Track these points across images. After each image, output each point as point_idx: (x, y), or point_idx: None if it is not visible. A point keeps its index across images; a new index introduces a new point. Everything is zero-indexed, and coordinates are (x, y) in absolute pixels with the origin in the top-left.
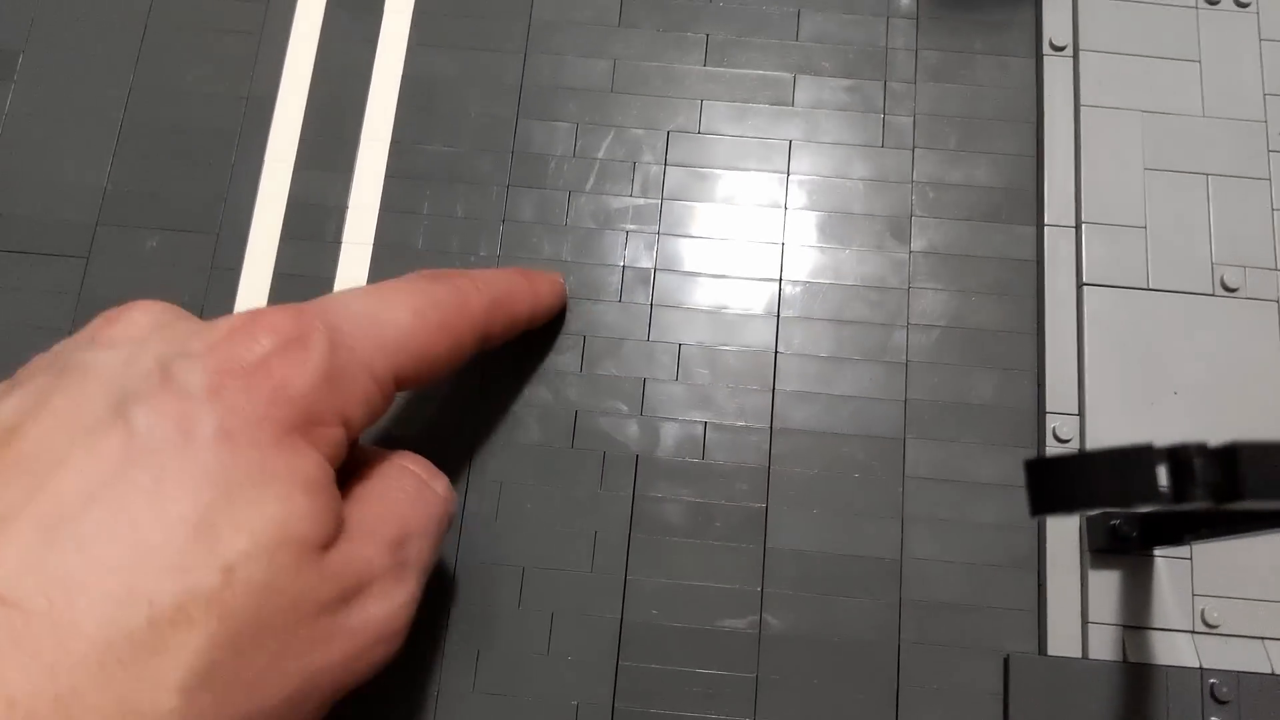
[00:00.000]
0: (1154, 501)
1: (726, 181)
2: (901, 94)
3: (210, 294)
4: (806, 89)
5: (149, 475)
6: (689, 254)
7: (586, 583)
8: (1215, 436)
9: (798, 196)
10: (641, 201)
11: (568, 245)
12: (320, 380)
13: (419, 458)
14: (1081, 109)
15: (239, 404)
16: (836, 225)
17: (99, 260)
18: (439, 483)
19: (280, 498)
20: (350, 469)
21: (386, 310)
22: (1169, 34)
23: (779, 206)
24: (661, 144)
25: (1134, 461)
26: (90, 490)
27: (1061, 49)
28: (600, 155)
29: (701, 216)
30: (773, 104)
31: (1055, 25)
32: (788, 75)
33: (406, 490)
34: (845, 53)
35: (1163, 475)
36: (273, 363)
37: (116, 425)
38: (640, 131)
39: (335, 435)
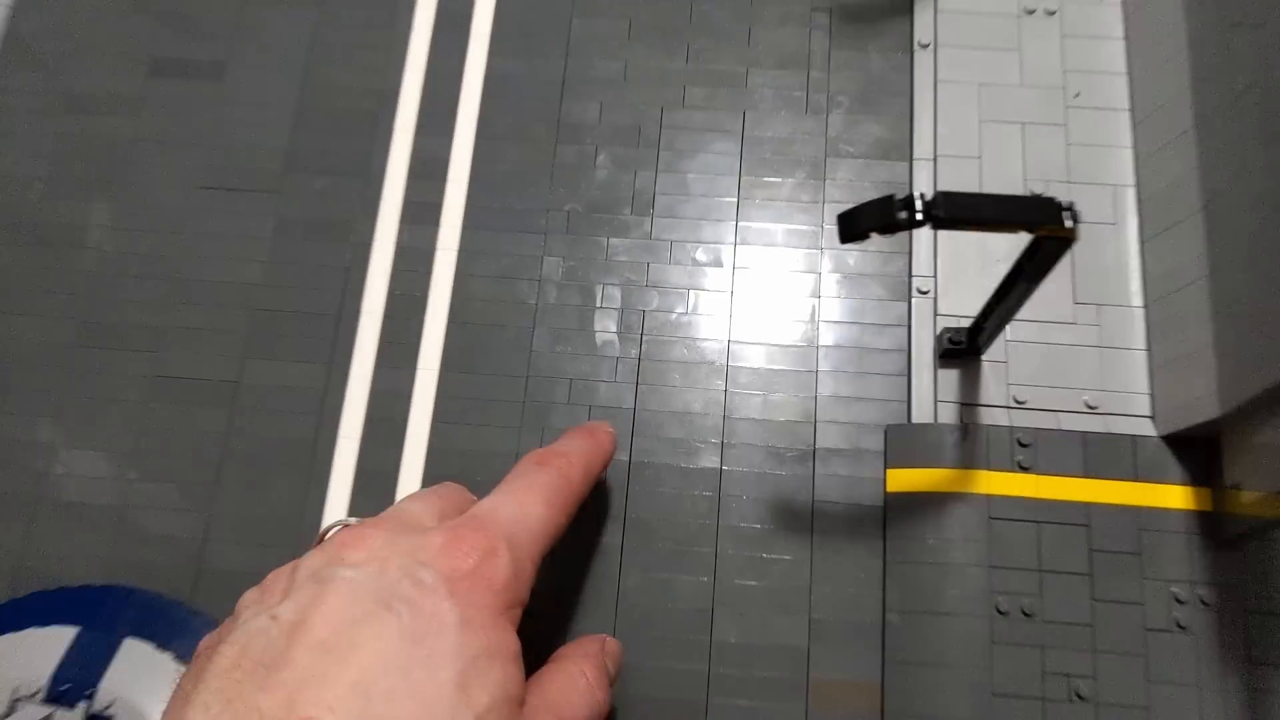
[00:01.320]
0: (898, 223)
1: (704, 138)
2: (819, 80)
3: (360, 218)
4: (756, 77)
5: (423, 650)
6: (687, 167)
7: None
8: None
9: (751, 149)
10: (649, 151)
11: (595, 181)
12: (511, 578)
13: (594, 665)
14: (939, 84)
15: (471, 599)
16: (778, 165)
17: (286, 194)
18: (601, 691)
19: (503, 666)
20: (547, 656)
21: (530, 508)
22: (999, 33)
23: (736, 156)
24: (658, 114)
25: (887, 203)
26: (384, 663)
27: (926, 46)
28: (617, 122)
29: (690, 159)
30: (732, 87)
31: (922, 29)
32: (742, 69)
33: (578, 688)
34: (781, 53)
35: (901, 210)
36: (483, 568)
37: (389, 616)
38: (644, 106)
39: (519, 615)
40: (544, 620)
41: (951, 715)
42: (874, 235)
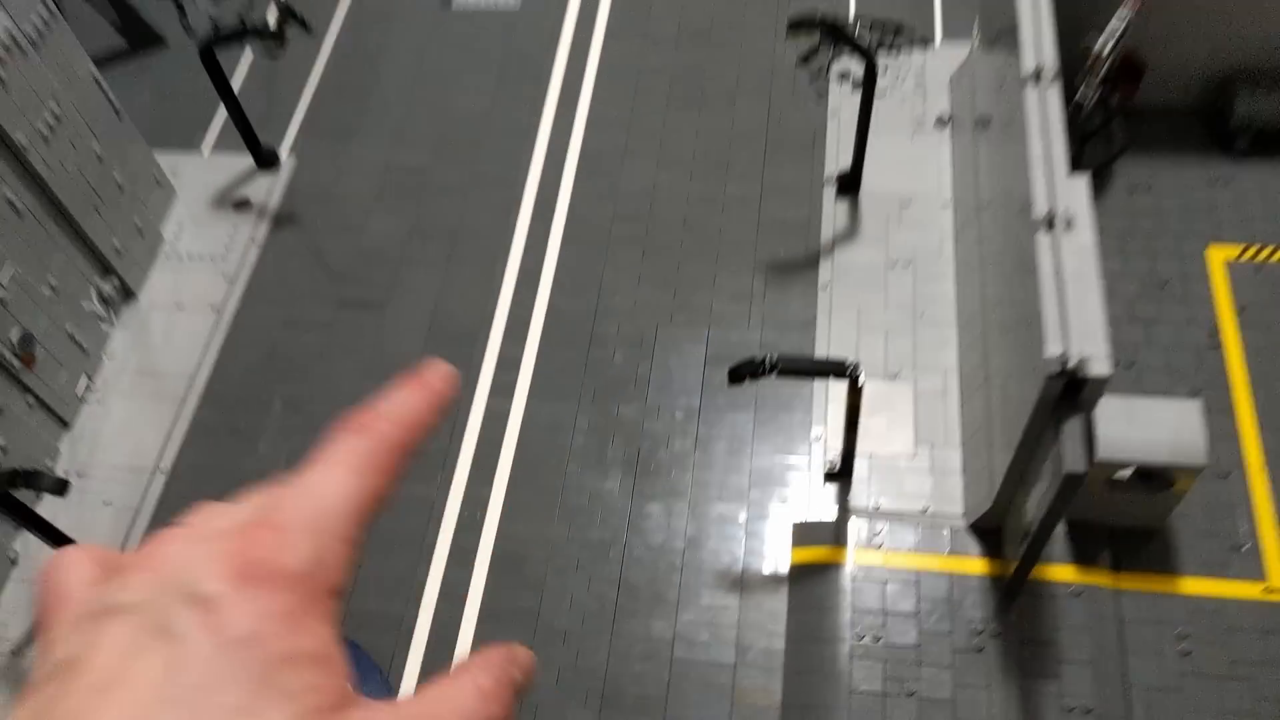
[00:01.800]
0: (758, 371)
1: (683, 344)
2: (759, 309)
3: (507, 213)
4: (718, 305)
5: (202, 677)
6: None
7: None
8: None
9: (714, 350)
10: (648, 349)
11: (612, 367)
12: (313, 568)
13: (492, 675)
14: (833, 309)
15: (264, 606)
16: (729, 359)
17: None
18: (498, 703)
19: (304, 673)
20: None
21: (337, 484)
22: (872, 277)
23: (702, 355)
24: (654, 330)
25: (751, 361)
26: (158, 696)
27: (825, 286)
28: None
29: (674, 356)
30: (702, 312)
31: (823, 275)
32: (709, 301)
33: (467, 697)
34: (735, 292)
35: (760, 365)
36: (278, 566)
37: (162, 647)
38: (646, 324)
39: (333, 606)
40: None
41: (825, 705)
42: (751, 381)
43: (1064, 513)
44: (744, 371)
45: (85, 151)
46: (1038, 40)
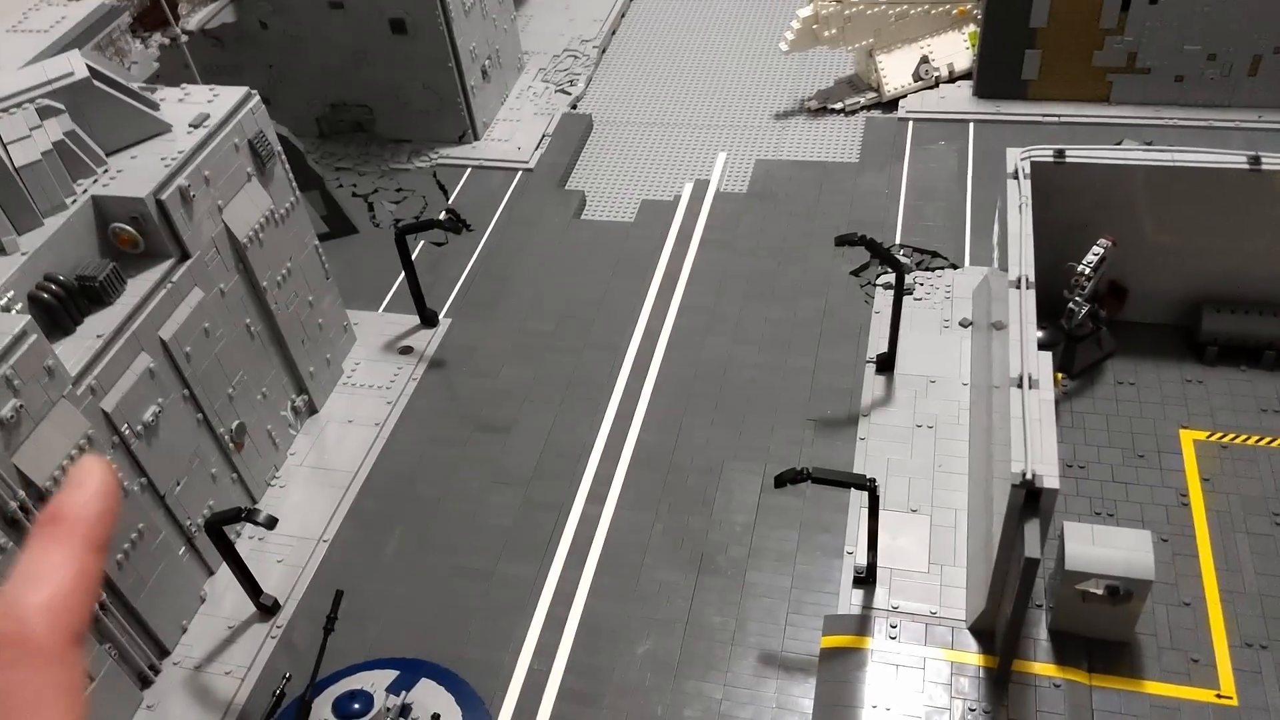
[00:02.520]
0: (797, 479)
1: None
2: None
3: (611, 369)
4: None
5: None
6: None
7: None
8: None
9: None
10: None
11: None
12: (48, 633)
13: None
14: (868, 458)
15: (10, 667)
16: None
17: (585, 354)
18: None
19: (48, 711)
20: None
21: (56, 576)
22: (902, 435)
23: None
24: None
25: (793, 470)
26: None
27: (864, 439)
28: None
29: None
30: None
31: (862, 431)
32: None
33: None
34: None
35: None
36: (16, 640)
37: None
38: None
39: (78, 652)
40: None
41: None
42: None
43: (1028, 598)
44: (786, 478)
45: (302, 299)
46: (1021, 259)
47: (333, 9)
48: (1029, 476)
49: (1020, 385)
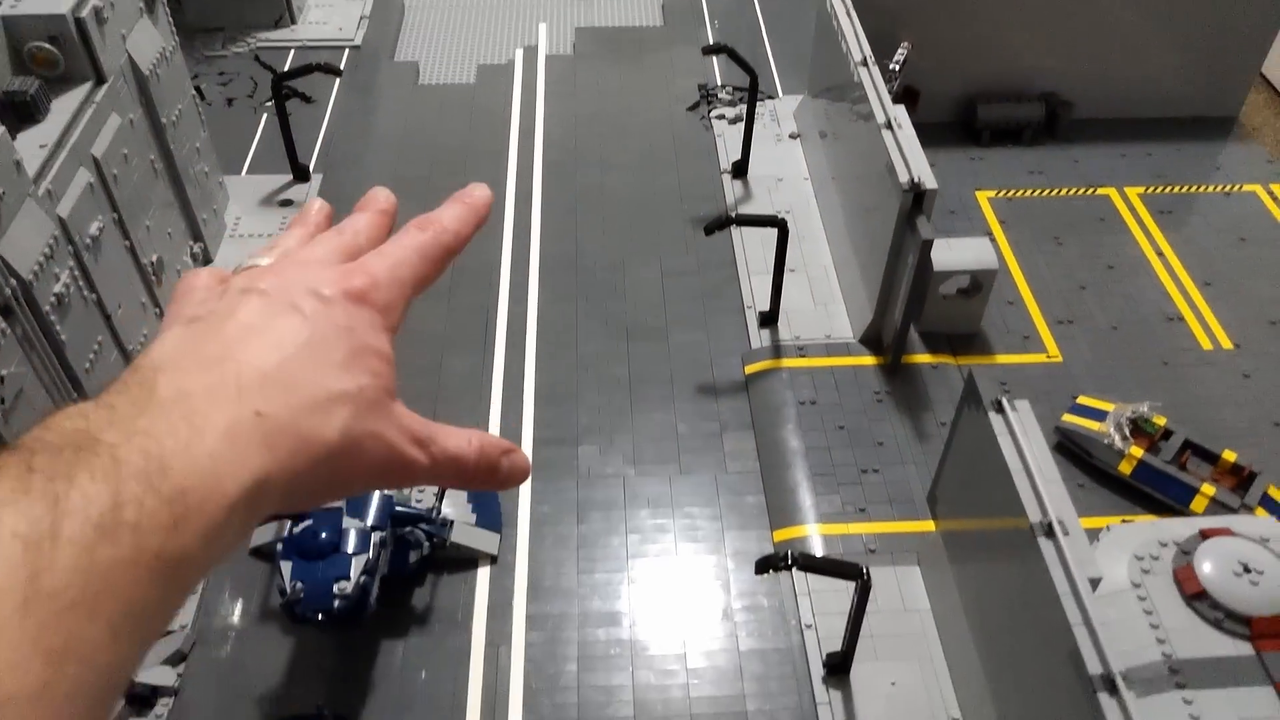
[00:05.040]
0: (779, 565)
1: None
2: None
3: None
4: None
5: (320, 337)
6: None
7: None
8: None
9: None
10: None
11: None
12: (387, 306)
13: (483, 437)
14: None
15: (359, 313)
16: None
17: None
18: (483, 457)
19: (379, 361)
20: None
21: (406, 261)
22: None
23: None
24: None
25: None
26: (292, 339)
27: None
28: None
29: None
30: None
31: None
32: None
33: (461, 437)
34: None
35: (781, 561)
36: (369, 295)
37: (296, 314)
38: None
39: (393, 337)
40: None
41: (785, 440)
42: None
43: (927, 280)
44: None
45: (191, 145)
46: (858, 42)
47: None
48: (915, 181)
49: (889, 127)
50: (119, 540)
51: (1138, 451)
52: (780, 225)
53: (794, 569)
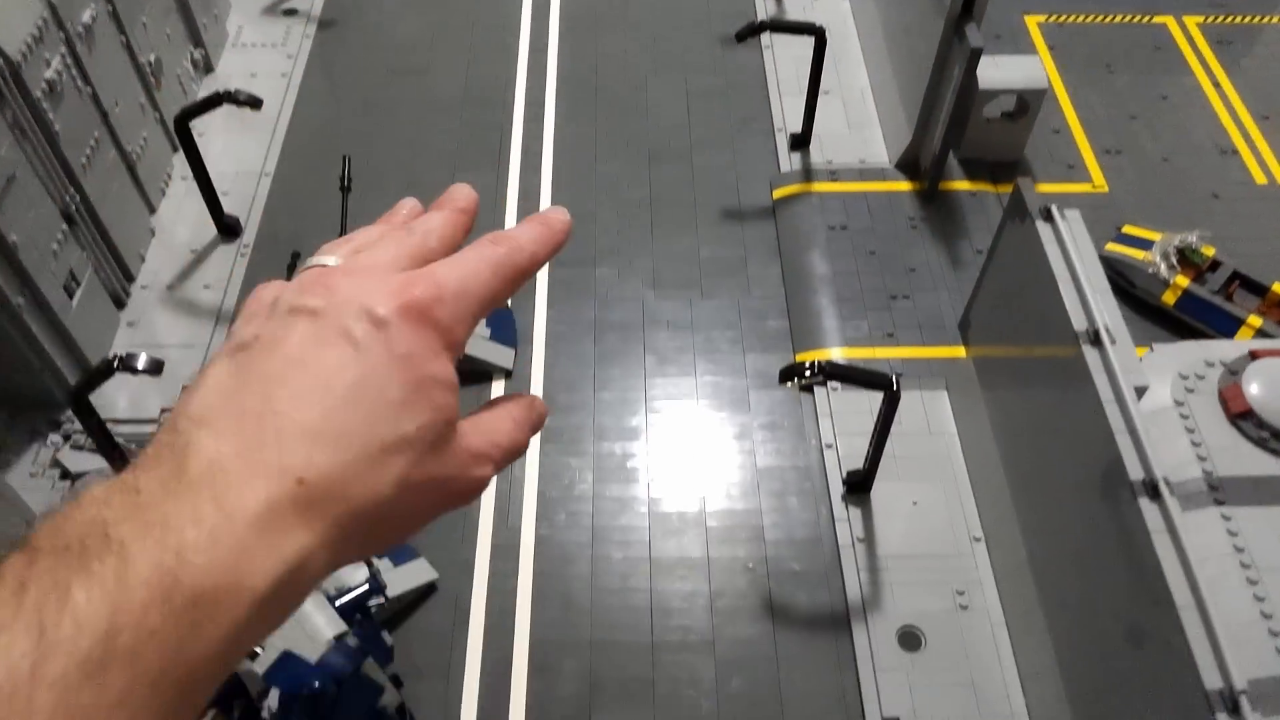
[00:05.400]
0: (803, 374)
1: None
2: None
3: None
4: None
5: (374, 372)
6: None
7: None
8: None
9: None
10: None
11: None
12: (453, 323)
13: (522, 410)
14: None
15: (419, 335)
16: None
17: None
18: (523, 431)
19: (442, 392)
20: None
21: (478, 274)
22: None
23: None
24: None
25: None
26: (341, 376)
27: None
28: None
29: None
30: None
31: None
32: None
33: (506, 422)
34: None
35: (807, 369)
36: (431, 312)
37: (347, 344)
38: None
39: (457, 356)
40: None
41: (812, 266)
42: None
43: (973, 89)
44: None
45: None
46: None
47: None
48: None
49: None
50: (106, 679)
51: (1183, 281)
52: (818, 33)
53: (820, 378)
